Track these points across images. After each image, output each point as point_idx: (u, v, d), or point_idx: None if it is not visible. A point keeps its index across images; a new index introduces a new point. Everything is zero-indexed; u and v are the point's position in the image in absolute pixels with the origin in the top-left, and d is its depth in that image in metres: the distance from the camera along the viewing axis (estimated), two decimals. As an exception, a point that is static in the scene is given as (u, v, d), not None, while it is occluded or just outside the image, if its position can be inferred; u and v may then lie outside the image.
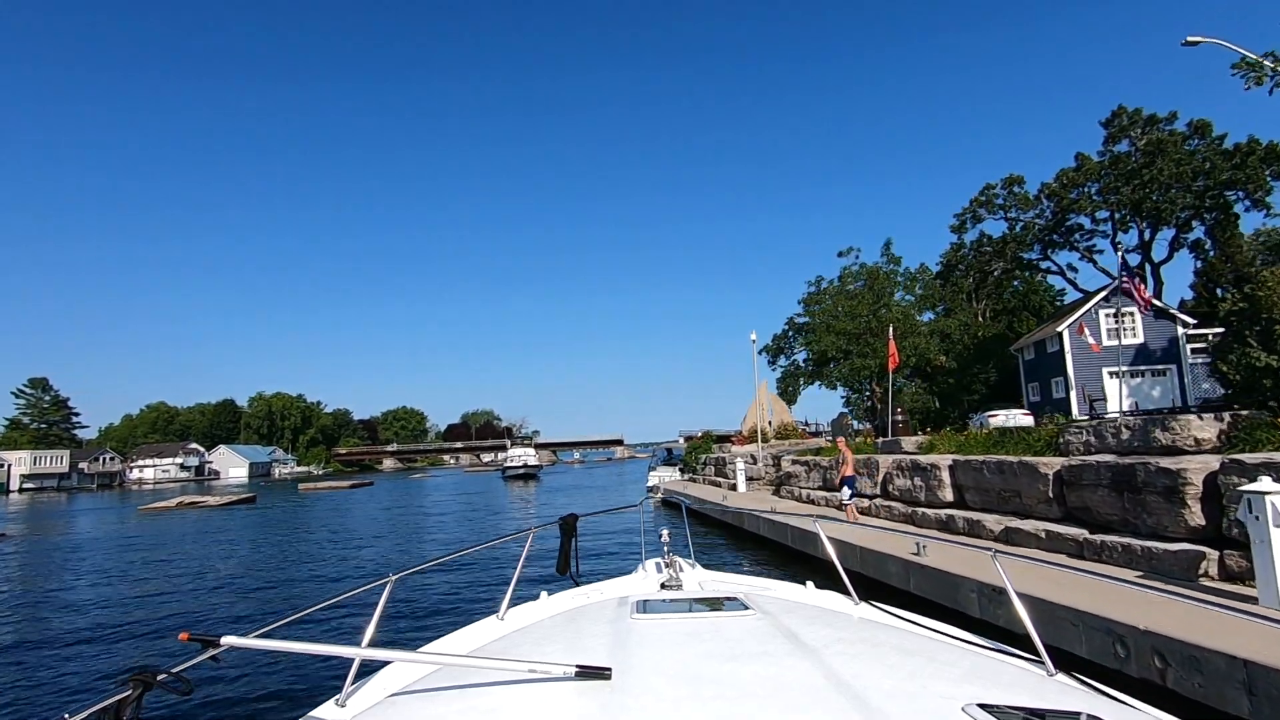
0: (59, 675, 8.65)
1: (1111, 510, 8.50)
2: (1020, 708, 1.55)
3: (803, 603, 3.17)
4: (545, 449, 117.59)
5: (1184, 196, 29.66)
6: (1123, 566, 7.97)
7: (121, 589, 14.91)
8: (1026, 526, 9.68)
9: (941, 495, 12.12)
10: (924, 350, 28.36)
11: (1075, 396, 29.95)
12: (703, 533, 18.78)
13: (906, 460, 13.46)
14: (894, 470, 13.83)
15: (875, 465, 14.74)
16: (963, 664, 1.97)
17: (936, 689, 1.66)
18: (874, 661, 1.89)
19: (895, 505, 13.53)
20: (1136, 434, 9.13)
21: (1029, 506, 10.07)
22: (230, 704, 7.03)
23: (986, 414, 27.42)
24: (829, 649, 1.97)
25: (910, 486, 13.14)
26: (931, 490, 12.39)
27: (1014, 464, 10.33)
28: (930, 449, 14.24)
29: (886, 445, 16.27)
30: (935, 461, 12.42)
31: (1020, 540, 9.72)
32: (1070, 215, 33.55)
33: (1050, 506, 9.63)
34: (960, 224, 36.99)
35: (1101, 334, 29.70)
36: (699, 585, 3.56)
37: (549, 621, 2.88)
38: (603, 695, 1.61)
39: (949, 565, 8.66)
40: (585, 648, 2.13)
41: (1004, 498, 10.64)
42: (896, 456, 14.37)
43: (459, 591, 12.06)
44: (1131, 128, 31.33)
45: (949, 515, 11.58)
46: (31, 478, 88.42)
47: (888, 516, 13.63)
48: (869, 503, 14.58)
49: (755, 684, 1.68)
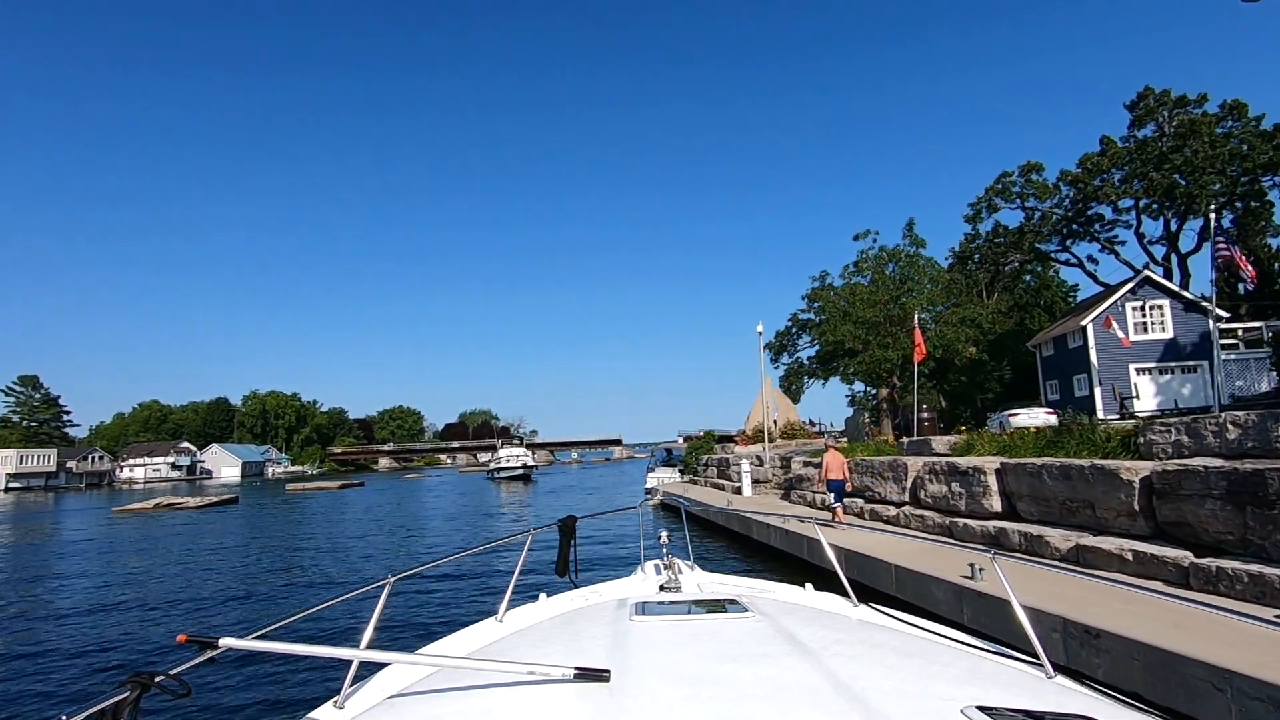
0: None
1: (1226, 528, 6.76)
2: (1019, 709, 1.53)
3: (802, 604, 3.12)
4: (542, 449, 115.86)
5: (1219, 181, 27.83)
6: (1250, 601, 6.24)
7: (63, 601, 13.45)
8: (1105, 545, 7.93)
9: (987, 504, 10.38)
10: (951, 341, 26.30)
11: (1100, 394, 28.16)
12: (705, 540, 17.09)
13: (941, 463, 11.71)
14: (926, 475, 12.09)
15: (902, 469, 12.99)
16: (962, 665, 1.96)
17: (936, 690, 1.64)
18: (873, 663, 1.86)
19: (929, 515, 11.78)
20: (1250, 432, 7.38)
21: (1105, 520, 8.33)
22: (228, 706, 6.92)
23: (1006, 413, 25.61)
24: (828, 650, 1.95)
25: (947, 494, 11.39)
26: (974, 498, 10.65)
27: (1083, 469, 8.59)
28: (967, 450, 12.51)
29: (914, 446, 14.51)
30: (978, 465, 10.67)
31: (1096, 561, 7.97)
32: (1092, 204, 31.71)
33: (1135, 521, 7.89)
34: (975, 214, 35.13)
35: (1129, 328, 27.95)
36: (698, 587, 3.53)
37: (548, 623, 2.86)
38: (602, 697, 1.60)
39: (1018, 594, 6.94)
40: (584, 649, 2.14)
41: (1070, 509, 8.90)
42: (928, 459, 12.62)
43: (457, 593, 11.87)
44: (1159, 110, 29.53)
45: (998, 529, 9.83)
46: (18, 477, 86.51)
47: (920, 529, 11.87)
48: (896, 511, 12.84)
49: (754, 685, 1.66)
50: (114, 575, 16.56)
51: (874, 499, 13.94)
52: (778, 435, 28.79)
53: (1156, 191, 28.95)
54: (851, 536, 11.18)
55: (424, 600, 11.39)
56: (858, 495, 14.62)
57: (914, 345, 18.91)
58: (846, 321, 26.62)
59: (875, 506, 13.62)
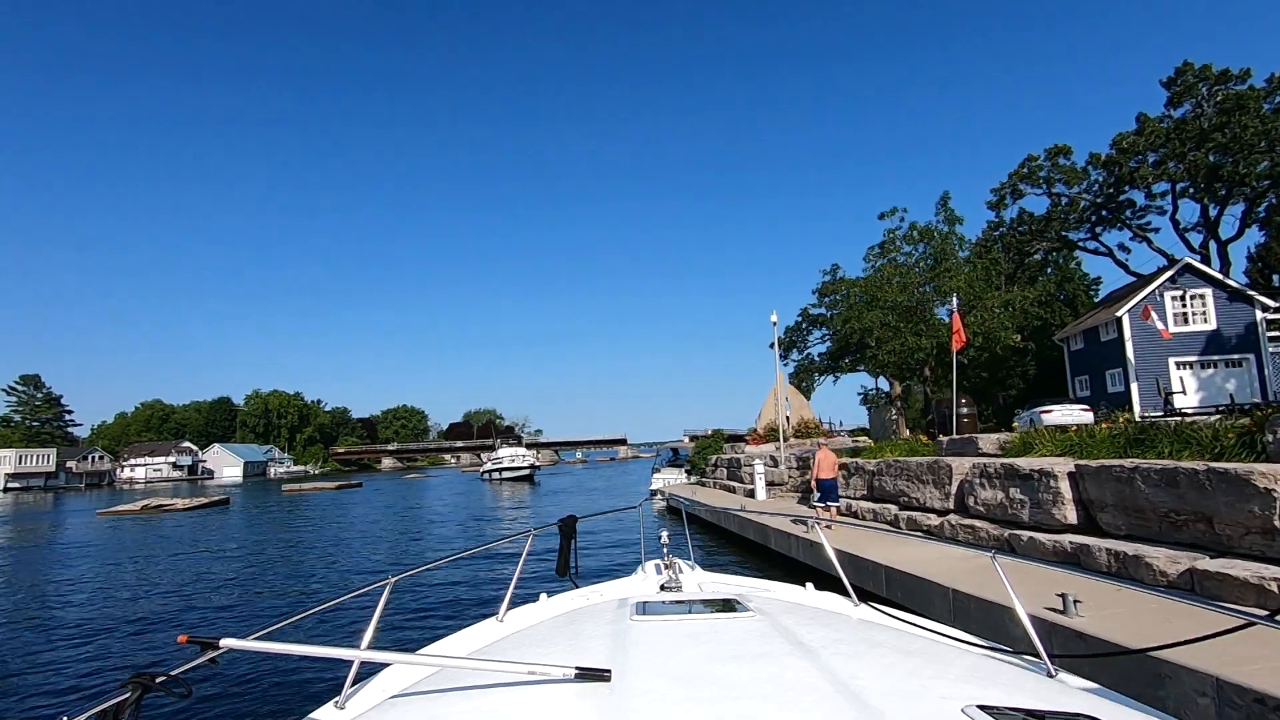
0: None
1: None
2: (1020, 709, 1.53)
3: (802, 604, 3.10)
4: (547, 448, 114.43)
5: (1266, 159, 25.86)
6: None
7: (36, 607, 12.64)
8: (1233, 570, 6.21)
9: (1058, 515, 8.67)
10: (993, 328, 24.28)
11: (1137, 390, 26.33)
12: (716, 552, 15.47)
13: (995, 465, 10.01)
14: (976, 478, 10.39)
15: (945, 471, 11.29)
16: (962, 664, 1.95)
17: (936, 689, 1.64)
18: (874, 662, 1.86)
19: (981, 526, 10.07)
20: None
21: (1228, 538, 6.62)
22: (229, 707, 6.88)
23: (1037, 410, 23.79)
24: (829, 650, 1.94)
25: (1004, 501, 9.69)
26: (1041, 508, 8.95)
27: (1197, 473, 6.88)
28: (1024, 449, 10.80)
29: (954, 445, 12.79)
30: (1046, 467, 8.96)
31: (1221, 590, 6.26)
32: (1125, 188, 29.77)
33: (1273, 541, 6.20)
34: (999, 200, 33.21)
35: (1168, 319, 26.09)
36: (698, 587, 3.52)
37: (549, 623, 2.86)
38: (602, 697, 1.60)
39: (1134, 638, 5.27)
40: (585, 649, 2.14)
41: (1175, 523, 7.19)
42: (976, 460, 10.91)
43: (458, 594, 11.78)
44: (1198, 86, 27.57)
45: (1076, 545, 8.12)
46: (17, 477, 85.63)
47: (969, 540, 10.17)
48: (939, 520, 11.14)
49: (755, 685, 1.64)
50: (77, 585, 15.24)
51: (910, 505, 12.25)
52: (791, 434, 27.04)
53: (1199, 173, 27.00)
54: (891, 550, 9.53)
55: (425, 601, 11.32)
56: (891, 501, 12.94)
57: (952, 332, 17.08)
58: (874, 307, 24.58)
59: (913, 514, 11.92)
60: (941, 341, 22.50)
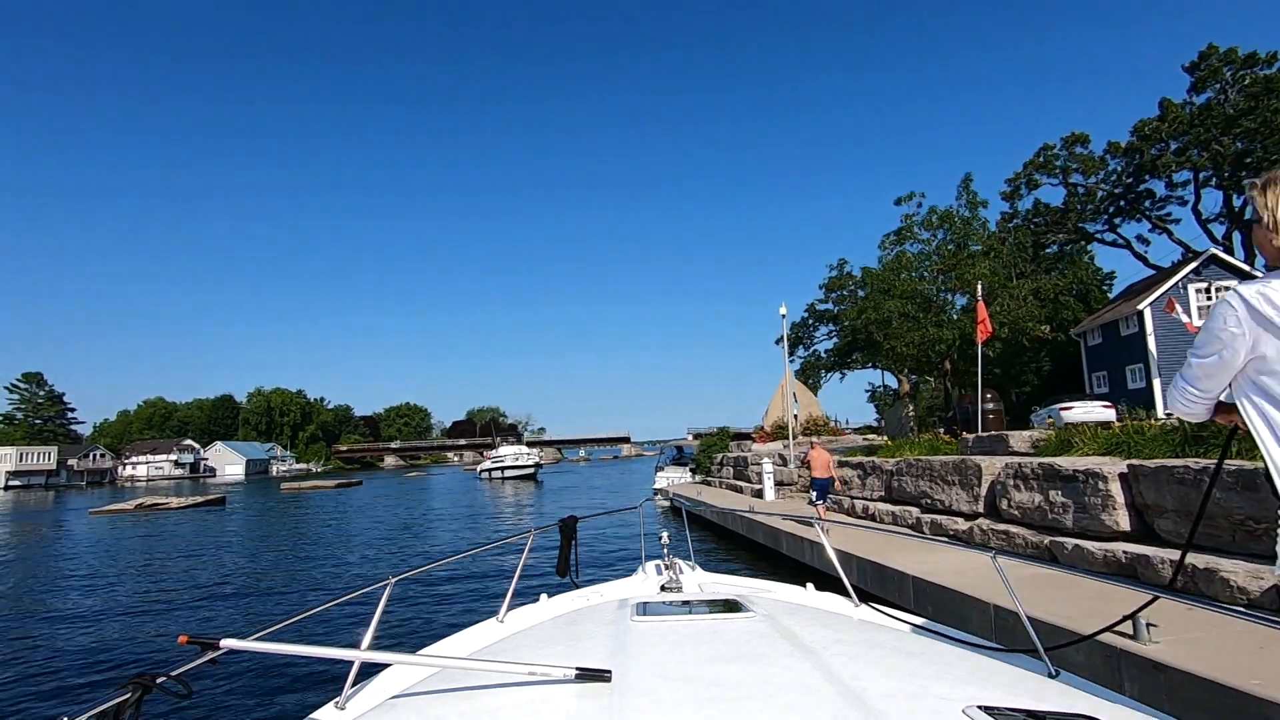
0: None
1: None
2: (1021, 709, 1.50)
3: (803, 604, 3.07)
4: (550, 446, 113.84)
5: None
6: None
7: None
8: (1333, 590, 5.36)
9: (1108, 521, 7.79)
10: (1020, 317, 23.21)
11: (1160, 386, 25.36)
12: (724, 556, 14.63)
13: (1033, 465, 9.12)
14: (1009, 480, 9.50)
15: (973, 472, 10.40)
16: (963, 665, 1.92)
17: (937, 690, 1.61)
18: (874, 663, 1.83)
19: (1016, 532, 9.18)
20: None
21: (1321, 551, 5.76)
22: (230, 707, 6.87)
23: (1056, 407, 22.85)
24: (829, 650, 1.91)
25: (1043, 505, 8.80)
26: (1087, 512, 8.07)
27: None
28: (1062, 448, 9.91)
29: (981, 444, 11.91)
30: (1093, 467, 8.07)
31: (1316, 614, 5.41)
32: (1146, 176, 28.74)
33: (1382, 555, 5.32)
34: (1013, 190, 32.19)
35: (1193, 312, 25.10)
36: (699, 587, 3.53)
37: (549, 624, 2.83)
38: (603, 697, 1.58)
39: (1228, 672, 4.41)
40: (585, 650, 2.12)
41: (1254, 532, 6.32)
42: (1009, 459, 10.03)
43: (458, 594, 11.74)
44: (1222, 70, 26.52)
45: (1132, 555, 7.24)
46: (18, 475, 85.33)
47: (1004, 548, 9.28)
48: (967, 524, 10.26)
49: (755, 685, 1.63)
50: (77, 584, 14.86)
51: (934, 508, 11.38)
52: (799, 431, 26.15)
53: (1223, 160, 25.98)
54: (918, 558, 8.66)
55: (425, 601, 11.28)
56: (912, 504, 12.07)
57: (976, 322, 16.11)
58: (893, 297, 23.50)
59: (937, 518, 11.05)
60: (965, 332, 21.43)
